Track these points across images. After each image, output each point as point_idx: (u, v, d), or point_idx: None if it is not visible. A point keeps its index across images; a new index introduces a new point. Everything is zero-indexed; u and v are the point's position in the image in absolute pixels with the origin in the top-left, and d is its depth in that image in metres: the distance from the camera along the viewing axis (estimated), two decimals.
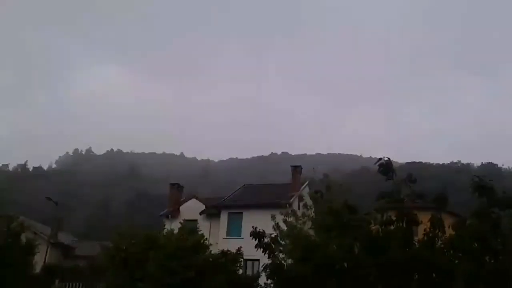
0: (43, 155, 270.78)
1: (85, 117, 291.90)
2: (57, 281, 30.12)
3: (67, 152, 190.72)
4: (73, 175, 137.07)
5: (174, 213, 39.29)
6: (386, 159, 9.91)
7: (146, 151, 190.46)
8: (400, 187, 9.91)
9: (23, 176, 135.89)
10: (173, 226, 27.95)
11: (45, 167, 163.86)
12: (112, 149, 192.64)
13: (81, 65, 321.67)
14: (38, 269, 18.79)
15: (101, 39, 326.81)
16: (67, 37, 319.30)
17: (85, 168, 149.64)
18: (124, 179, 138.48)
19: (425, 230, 9.91)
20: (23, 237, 11.42)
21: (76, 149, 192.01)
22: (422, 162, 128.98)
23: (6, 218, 11.52)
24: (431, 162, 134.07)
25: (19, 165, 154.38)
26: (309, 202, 24.43)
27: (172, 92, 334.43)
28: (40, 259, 24.94)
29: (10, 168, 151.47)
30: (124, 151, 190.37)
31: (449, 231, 9.56)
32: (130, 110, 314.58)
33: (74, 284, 29.11)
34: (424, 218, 9.99)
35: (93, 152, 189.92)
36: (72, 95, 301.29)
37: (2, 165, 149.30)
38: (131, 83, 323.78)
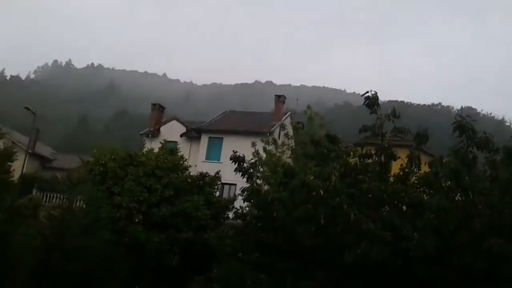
0: (22, 63, 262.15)
1: (66, 28, 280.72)
2: (34, 190, 30.45)
3: (46, 63, 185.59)
4: (51, 88, 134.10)
5: (154, 133, 39.31)
6: (373, 92, 9.86)
7: (128, 69, 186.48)
8: (383, 121, 9.96)
9: (0, 84, 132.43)
10: (153, 145, 28.04)
11: (23, 77, 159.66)
12: (92, 64, 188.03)
13: None
14: (16, 177, 18.82)
15: None
16: None
17: (64, 81, 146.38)
18: (104, 95, 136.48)
19: (401, 165, 10.13)
20: (0, 144, 11.27)
21: (56, 61, 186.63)
22: (404, 101, 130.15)
23: None
24: (413, 102, 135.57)
25: None
26: (290, 132, 24.67)
27: (160, 8, 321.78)
28: (18, 168, 24.97)
29: None
30: (105, 66, 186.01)
31: (424, 168, 9.80)
32: (116, 21, 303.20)
33: (51, 195, 29.47)
34: (403, 155, 10.17)
35: (73, 65, 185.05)
36: (53, 5, 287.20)
37: None
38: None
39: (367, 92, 9.91)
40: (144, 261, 18.90)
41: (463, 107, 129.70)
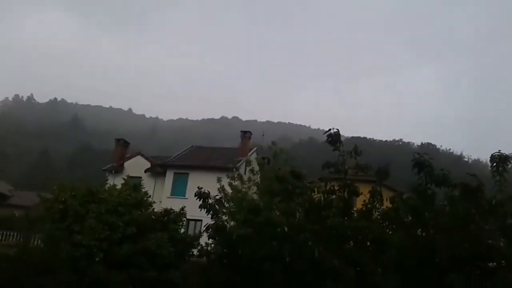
0: None
1: (27, 62, 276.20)
2: None
3: (7, 98, 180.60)
4: (12, 123, 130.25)
5: (118, 169, 38.55)
6: (335, 130, 10.11)
7: (92, 104, 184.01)
8: (345, 158, 10.19)
9: None
10: (116, 181, 27.43)
11: None
12: (55, 98, 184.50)
13: (22, 8, 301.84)
14: None
15: None
16: None
17: (25, 116, 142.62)
18: (67, 130, 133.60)
19: (364, 201, 10.32)
20: None
21: (17, 95, 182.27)
22: (366, 137, 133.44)
23: None
24: (375, 138, 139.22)
25: None
26: (256, 167, 24.72)
27: (123, 43, 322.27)
28: None
29: None
30: (69, 101, 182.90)
31: (386, 204, 10.01)
32: (77, 60, 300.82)
33: (8, 233, 28.15)
34: (365, 190, 10.38)
35: (35, 99, 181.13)
36: (15, 38, 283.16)
37: None
38: (79, 32, 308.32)
39: (330, 130, 10.17)
40: None
41: (423, 143, 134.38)
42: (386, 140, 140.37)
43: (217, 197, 11.73)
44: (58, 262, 15.50)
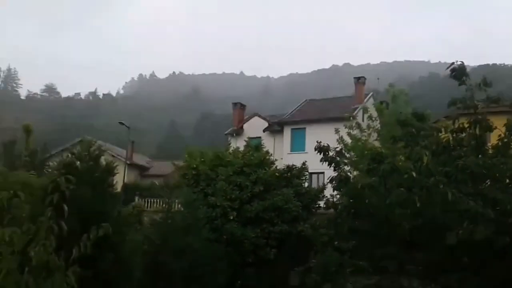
0: (111, 81, 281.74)
1: (146, 41, 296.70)
2: (136, 198, 32.67)
3: (133, 78, 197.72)
4: (140, 99, 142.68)
5: (238, 131, 40.27)
6: (459, 62, 9.25)
7: (207, 72, 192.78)
8: (474, 92, 9.32)
9: (95, 103, 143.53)
10: (238, 144, 28.78)
11: (114, 94, 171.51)
12: (174, 72, 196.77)
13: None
14: (119, 188, 20.37)
15: None
16: None
17: (150, 92, 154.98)
18: (188, 101, 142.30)
19: (499, 135, 9.42)
20: (102, 160, 12.33)
21: (141, 74, 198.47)
22: (496, 63, 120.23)
23: (86, 143, 12.37)
24: (506, 63, 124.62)
25: (90, 93, 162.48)
26: (374, 113, 23.96)
27: (225, 11, 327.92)
28: (119, 179, 27.00)
29: (82, 96, 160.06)
30: (186, 73, 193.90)
31: None
32: (188, 32, 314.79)
33: (152, 200, 31.42)
34: (499, 123, 9.45)
35: (156, 76, 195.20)
36: (130, 18, 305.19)
37: (75, 93, 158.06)
38: (185, 4, 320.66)
39: (453, 63, 9.33)
40: (244, 256, 19.54)
41: None
42: None
43: (337, 148, 11.63)
44: (198, 223, 16.96)
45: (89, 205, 9.59)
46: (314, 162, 13.10)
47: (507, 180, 8.87)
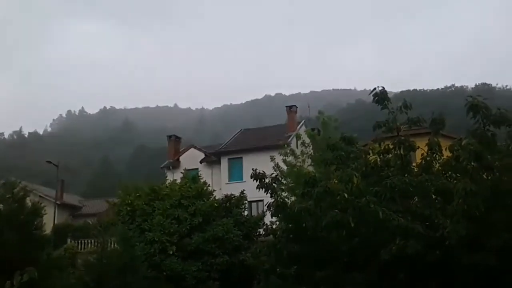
0: (37, 119, 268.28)
1: (73, 77, 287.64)
2: (68, 239, 30.94)
3: (60, 115, 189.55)
4: (69, 137, 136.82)
5: (174, 164, 39.71)
6: (380, 88, 9.85)
7: (140, 106, 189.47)
8: (395, 115, 9.92)
9: (20, 143, 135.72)
10: (175, 176, 28.34)
11: (41, 132, 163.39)
12: (105, 107, 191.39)
13: (56, 22, 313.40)
14: (48, 230, 19.21)
15: None
16: None
17: (80, 128, 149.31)
18: (121, 135, 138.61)
19: (422, 154, 10.03)
20: (28, 201, 11.60)
21: (69, 111, 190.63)
22: (416, 89, 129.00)
23: (9, 184, 11.61)
24: (425, 89, 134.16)
25: (14, 132, 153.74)
26: (307, 140, 24.63)
27: (154, 41, 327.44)
28: (49, 221, 25.45)
29: (6, 135, 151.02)
30: (117, 107, 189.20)
31: (446, 153, 9.67)
32: (117, 66, 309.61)
33: (85, 241, 29.88)
34: (422, 144, 10.08)
35: (86, 112, 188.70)
36: (54, 55, 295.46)
37: None
38: (111, 37, 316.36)
39: (375, 88, 9.91)
40: None
41: (478, 84, 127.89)
42: (438, 88, 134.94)
43: (273, 175, 11.79)
44: (135, 261, 16.31)
45: (13, 250, 8.95)
46: (252, 191, 13.17)
47: (433, 196, 9.42)
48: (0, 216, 9.63)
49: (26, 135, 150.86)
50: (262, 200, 24.55)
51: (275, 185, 11.20)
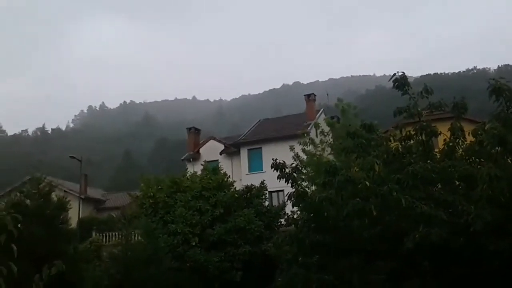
0: (59, 116, 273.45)
1: (93, 73, 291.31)
2: (93, 233, 31.53)
3: (82, 110, 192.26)
4: (91, 132, 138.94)
5: (195, 156, 39.96)
6: (400, 73, 9.68)
7: (159, 99, 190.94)
8: (416, 100, 9.75)
9: (44, 139, 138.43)
10: (196, 168, 28.54)
11: (63, 128, 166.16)
12: (125, 102, 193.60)
13: (75, 20, 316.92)
14: (74, 224, 19.62)
15: None
16: None
17: (101, 124, 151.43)
18: (141, 129, 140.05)
19: (445, 140, 9.86)
20: (53, 196, 11.85)
21: (90, 106, 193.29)
22: (437, 73, 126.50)
23: (35, 180, 11.87)
24: (447, 72, 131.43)
25: (37, 128, 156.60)
26: (326, 128, 24.46)
27: (172, 35, 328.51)
28: (74, 215, 26.02)
29: (30, 132, 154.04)
30: (137, 102, 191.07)
31: (469, 138, 9.49)
32: (135, 61, 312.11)
33: (110, 234, 30.39)
34: (444, 129, 9.91)
35: (107, 107, 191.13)
36: (76, 53, 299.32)
37: (22, 130, 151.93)
38: (129, 33, 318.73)
39: (394, 74, 9.76)
40: (209, 282, 19.20)
41: (500, 66, 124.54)
42: (459, 72, 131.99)
43: (293, 165, 11.76)
44: (159, 252, 16.56)
45: (41, 244, 9.18)
46: (272, 181, 13.18)
47: (456, 182, 9.26)
48: (28, 211, 9.87)
49: (49, 132, 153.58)
50: (282, 190, 24.61)
51: (295, 175, 11.17)
